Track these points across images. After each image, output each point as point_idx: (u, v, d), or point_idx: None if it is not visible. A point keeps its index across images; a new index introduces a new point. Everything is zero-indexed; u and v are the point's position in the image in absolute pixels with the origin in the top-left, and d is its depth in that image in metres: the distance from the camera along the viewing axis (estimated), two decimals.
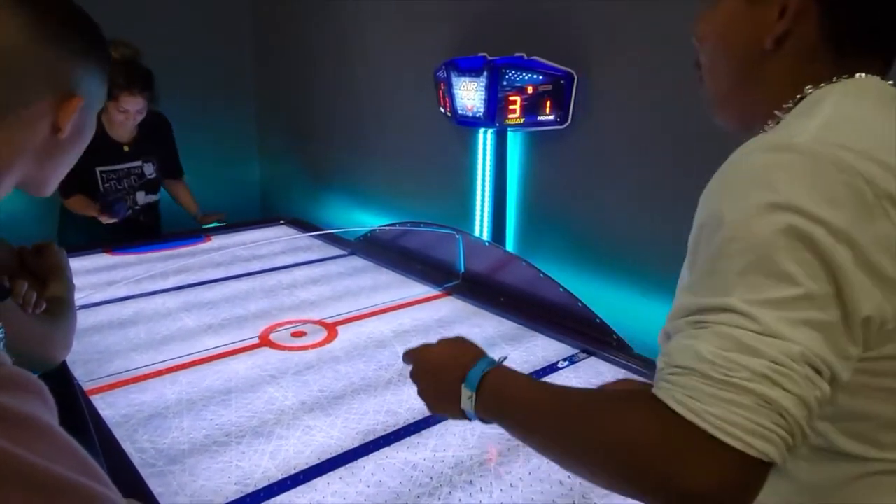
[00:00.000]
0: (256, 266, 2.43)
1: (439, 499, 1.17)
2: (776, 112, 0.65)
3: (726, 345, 0.51)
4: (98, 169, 2.52)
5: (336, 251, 2.62)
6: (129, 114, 2.42)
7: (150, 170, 2.63)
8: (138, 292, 2.11)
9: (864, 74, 0.63)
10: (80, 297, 1.69)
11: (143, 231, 2.67)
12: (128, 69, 2.33)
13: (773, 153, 0.56)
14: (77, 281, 1.18)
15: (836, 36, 0.63)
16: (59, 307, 1.05)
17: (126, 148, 2.55)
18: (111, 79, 2.82)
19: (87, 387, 1.51)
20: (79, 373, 1.57)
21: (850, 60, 0.63)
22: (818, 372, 0.51)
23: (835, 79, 0.63)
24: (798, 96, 0.64)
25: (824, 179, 0.53)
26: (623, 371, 1.64)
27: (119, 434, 1.33)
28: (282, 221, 3.03)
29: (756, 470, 0.50)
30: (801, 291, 0.51)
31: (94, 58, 0.75)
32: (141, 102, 2.41)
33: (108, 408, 1.44)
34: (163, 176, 2.71)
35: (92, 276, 2.25)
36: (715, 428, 0.50)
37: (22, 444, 0.37)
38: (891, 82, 0.65)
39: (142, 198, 2.65)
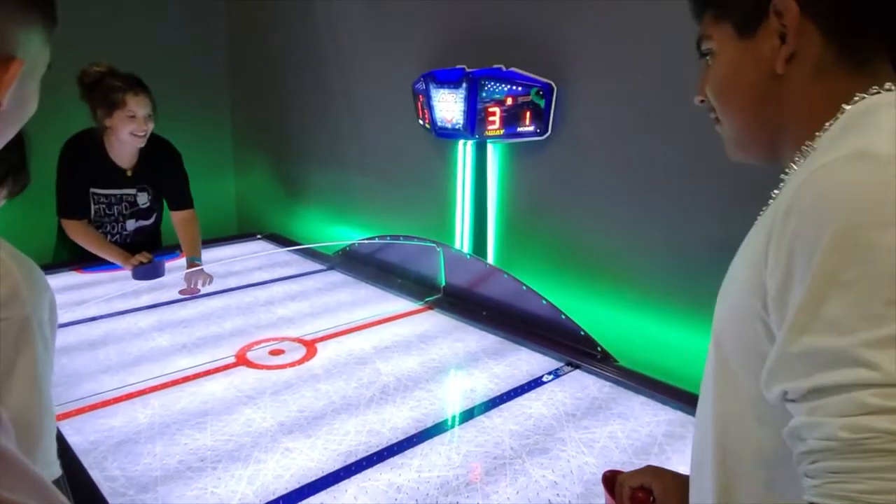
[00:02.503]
0: (232, 282, 2.37)
1: None
2: (817, 133, 0.63)
3: (854, 410, 0.48)
4: (92, 190, 2.39)
5: (314, 266, 2.58)
6: (139, 119, 2.25)
7: (143, 199, 2.48)
8: (109, 312, 2.04)
9: (891, 85, 0.61)
10: None
11: (138, 250, 2.47)
12: (117, 75, 2.25)
13: (862, 164, 0.53)
14: None
15: (840, 45, 0.62)
16: None
17: (129, 173, 2.41)
18: (111, 88, 2.63)
19: None
20: None
21: (863, 66, 0.62)
22: None
23: (871, 91, 0.61)
24: (837, 114, 0.62)
25: None
26: (609, 384, 1.62)
27: (87, 462, 1.27)
28: (259, 236, 2.97)
29: None
30: None
31: (33, 9, 0.61)
32: (148, 104, 2.27)
33: (76, 434, 1.38)
34: (170, 207, 2.52)
35: (60, 295, 2.15)
36: None
37: None
38: None
39: (131, 225, 2.51)
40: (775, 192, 0.65)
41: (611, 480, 0.97)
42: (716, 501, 0.71)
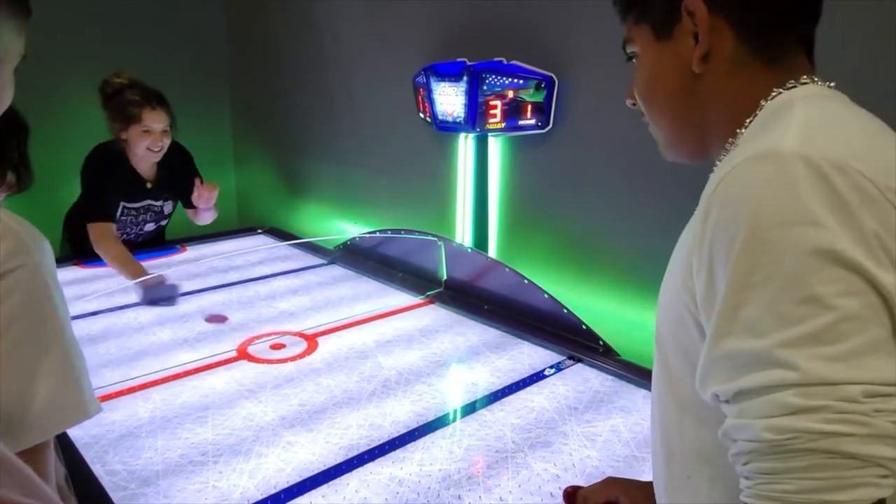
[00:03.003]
0: (233, 277, 2.37)
1: None
2: (738, 130, 0.65)
3: (777, 411, 0.49)
4: (123, 204, 2.37)
5: (315, 260, 2.57)
6: (155, 134, 2.25)
7: (169, 208, 2.51)
8: (109, 306, 2.04)
9: (807, 78, 0.63)
10: None
11: (140, 244, 2.53)
12: (138, 87, 2.23)
13: (767, 164, 0.53)
14: None
15: (752, 41, 0.63)
16: None
17: (149, 185, 2.40)
18: (129, 102, 2.64)
19: None
20: None
21: (778, 60, 0.63)
22: (887, 395, 0.48)
23: (788, 85, 0.63)
24: (756, 110, 0.63)
25: (828, 184, 0.50)
26: (611, 377, 1.61)
27: (88, 456, 1.27)
28: (259, 231, 2.97)
29: None
30: (842, 314, 0.48)
31: (3, 1, 0.61)
32: (164, 119, 2.25)
33: (77, 428, 1.36)
34: (186, 206, 2.54)
35: None
36: None
37: None
38: (832, 83, 0.65)
39: (150, 227, 2.53)
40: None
41: (572, 496, 0.95)
42: (667, 502, 0.72)
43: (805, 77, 0.63)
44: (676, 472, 0.69)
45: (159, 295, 2.09)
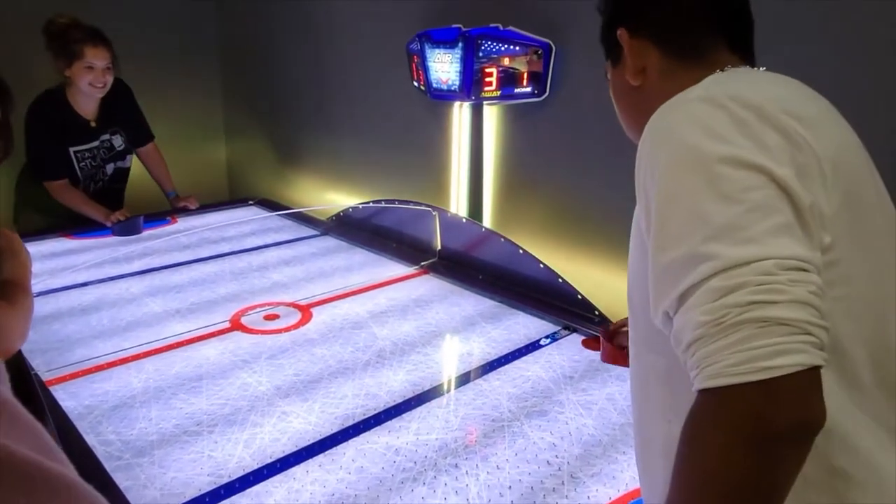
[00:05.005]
0: (225, 248, 2.34)
1: (424, 483, 1.13)
2: None
3: (709, 299, 0.55)
4: (72, 149, 2.44)
5: (308, 231, 2.55)
6: (97, 71, 2.32)
7: (118, 142, 2.57)
8: (100, 277, 2.01)
9: (730, 67, 0.73)
10: (37, 283, 1.59)
11: (111, 199, 2.58)
12: (81, 26, 2.30)
13: (676, 106, 0.65)
14: (34, 266, 1.10)
15: (673, 50, 0.76)
16: (13, 292, 0.97)
17: (93, 124, 2.47)
18: (71, 40, 2.67)
19: (46, 377, 1.42)
20: (37, 362, 1.49)
21: (701, 59, 0.75)
22: (800, 269, 0.54)
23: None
24: None
25: (727, 110, 0.60)
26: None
27: (82, 426, 1.26)
28: (250, 202, 2.93)
29: (803, 381, 0.51)
30: (749, 205, 0.56)
31: None
32: (106, 56, 2.33)
33: (70, 398, 1.36)
34: (133, 144, 2.63)
35: (50, 261, 2.14)
36: (740, 375, 0.52)
37: None
38: (763, 68, 0.76)
39: (110, 168, 2.59)
40: None
41: (608, 335, 1.12)
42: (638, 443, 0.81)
43: (729, 66, 0.73)
44: (656, 417, 0.74)
45: (127, 227, 2.42)
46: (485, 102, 2.10)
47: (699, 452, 0.54)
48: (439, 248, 2.18)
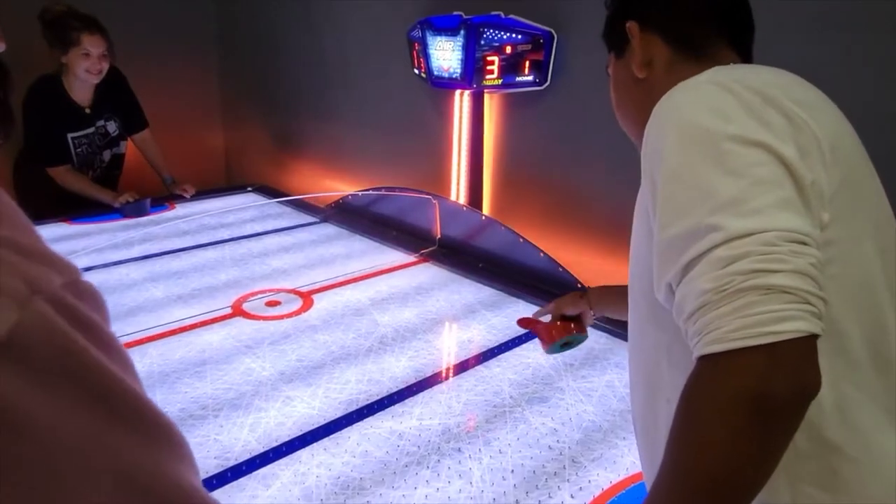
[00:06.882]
0: (225, 234, 2.35)
1: (428, 467, 1.15)
2: None
3: (713, 268, 0.56)
4: (69, 136, 2.46)
5: (307, 218, 2.55)
6: (93, 58, 2.34)
7: (113, 128, 2.59)
8: (100, 262, 2.01)
9: (732, 63, 0.76)
10: None
11: (108, 185, 2.60)
12: (77, 14, 2.32)
13: (685, 89, 0.67)
14: None
15: (679, 45, 0.79)
16: None
17: (88, 110, 2.48)
18: (68, 27, 2.68)
19: None
20: None
21: (704, 54, 0.78)
22: (801, 242, 0.55)
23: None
24: None
25: (733, 93, 0.62)
26: (605, 335, 1.63)
27: None
28: (249, 189, 2.93)
29: (803, 348, 0.53)
30: (753, 180, 0.57)
31: None
32: (102, 43, 2.35)
33: None
34: (128, 131, 2.64)
35: (49, 246, 2.13)
36: (744, 339, 0.53)
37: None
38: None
39: (107, 155, 2.61)
40: None
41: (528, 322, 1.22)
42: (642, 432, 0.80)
43: (730, 63, 0.76)
44: (658, 399, 0.74)
45: (136, 208, 2.47)
46: (485, 91, 2.11)
47: (699, 417, 0.55)
48: (439, 236, 2.19)
